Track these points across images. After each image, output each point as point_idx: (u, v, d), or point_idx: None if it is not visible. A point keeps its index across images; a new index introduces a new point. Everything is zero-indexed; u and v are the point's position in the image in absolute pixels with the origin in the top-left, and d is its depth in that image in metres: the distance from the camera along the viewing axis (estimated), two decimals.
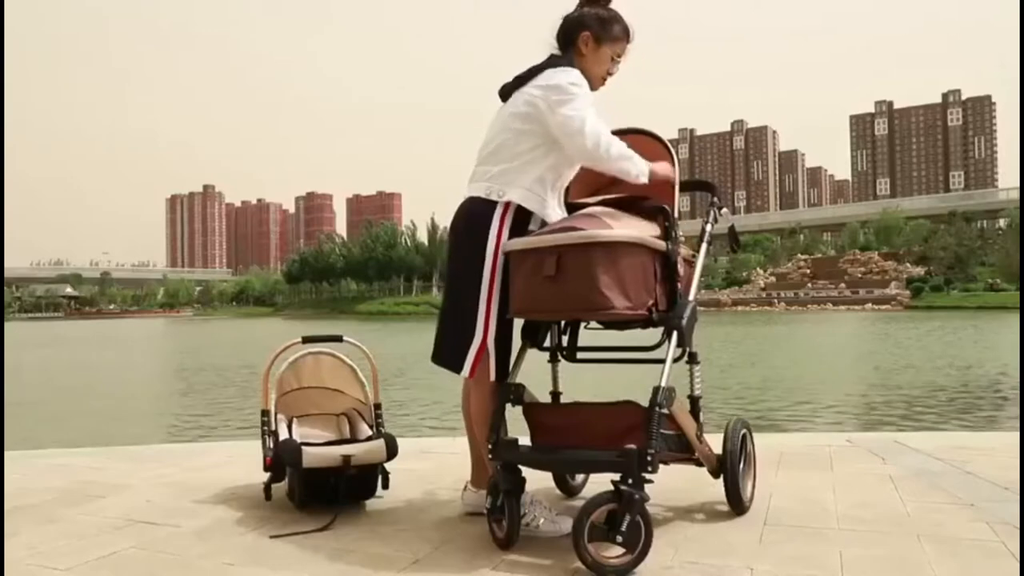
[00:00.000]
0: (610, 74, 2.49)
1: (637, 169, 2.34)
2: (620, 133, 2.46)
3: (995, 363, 13.97)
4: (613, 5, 2.49)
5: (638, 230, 2.20)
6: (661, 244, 2.25)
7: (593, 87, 2.42)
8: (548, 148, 2.38)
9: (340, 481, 2.61)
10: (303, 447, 2.59)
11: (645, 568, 1.97)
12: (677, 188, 2.46)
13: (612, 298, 2.10)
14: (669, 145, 2.54)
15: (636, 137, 2.49)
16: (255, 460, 2.88)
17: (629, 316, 2.15)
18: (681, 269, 2.31)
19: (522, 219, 2.37)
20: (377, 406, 2.96)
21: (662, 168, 2.42)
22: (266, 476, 2.77)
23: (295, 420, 2.91)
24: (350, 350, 3.09)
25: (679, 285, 2.29)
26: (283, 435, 2.77)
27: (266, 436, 2.81)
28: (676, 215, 2.36)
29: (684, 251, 2.40)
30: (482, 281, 2.35)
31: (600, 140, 2.29)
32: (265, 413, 2.84)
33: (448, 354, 2.43)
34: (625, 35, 2.47)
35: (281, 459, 2.65)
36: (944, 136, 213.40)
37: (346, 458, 2.59)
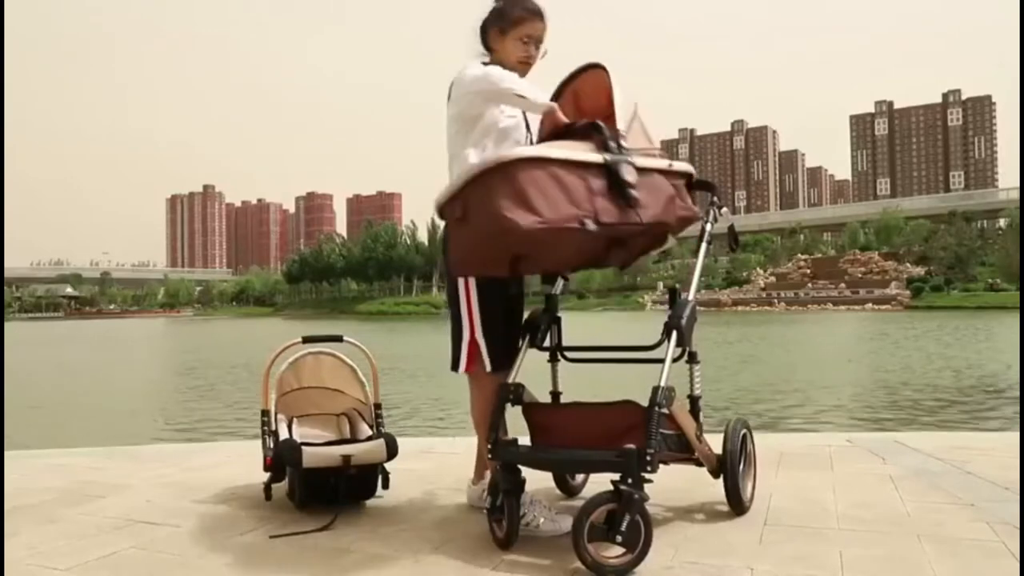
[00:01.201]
0: (531, 56, 2.48)
1: (533, 95, 2.31)
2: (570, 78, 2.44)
3: (995, 363, 13.97)
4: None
5: (562, 149, 2.10)
6: (591, 156, 2.12)
7: (519, 74, 2.44)
8: (472, 131, 2.42)
9: (340, 481, 2.61)
10: (303, 447, 2.59)
11: (645, 568, 1.97)
12: (617, 107, 2.27)
13: (515, 217, 1.94)
14: (607, 69, 2.38)
15: (582, 76, 2.44)
16: (255, 460, 2.88)
17: (544, 231, 1.96)
18: (633, 178, 2.15)
19: None
20: (377, 406, 2.96)
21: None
22: (266, 476, 2.77)
23: (295, 420, 2.91)
24: (350, 350, 3.09)
25: (634, 192, 2.13)
26: (283, 435, 2.77)
27: (266, 436, 2.81)
28: (624, 133, 2.22)
29: (646, 161, 2.23)
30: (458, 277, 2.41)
31: (494, 73, 2.33)
32: (265, 413, 2.84)
33: (453, 356, 2.49)
34: (529, 14, 2.47)
35: (281, 459, 2.65)
36: (944, 136, 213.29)
37: (346, 458, 2.59)
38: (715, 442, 2.48)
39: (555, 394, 2.62)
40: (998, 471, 3.01)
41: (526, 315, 2.52)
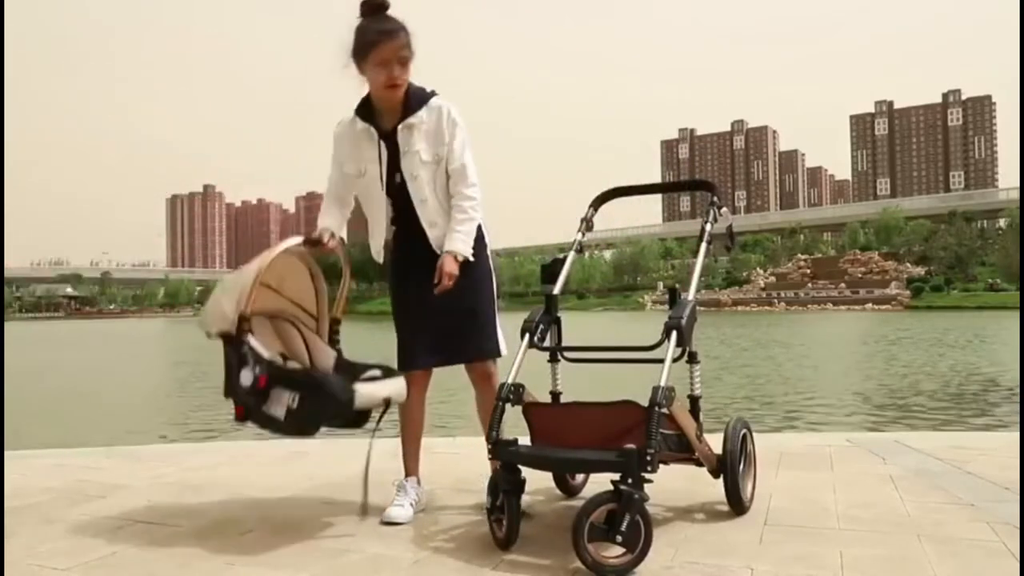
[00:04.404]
0: (395, 78, 2.47)
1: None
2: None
3: (995, 363, 13.96)
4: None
5: None
6: None
7: (384, 98, 2.52)
8: None
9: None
10: (355, 385, 2.27)
11: (645, 568, 1.97)
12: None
13: None
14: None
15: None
16: (255, 460, 2.88)
17: None
18: None
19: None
20: (336, 321, 2.68)
21: None
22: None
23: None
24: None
25: None
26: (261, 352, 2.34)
27: (246, 351, 2.34)
28: None
29: None
30: None
31: None
32: (245, 320, 2.35)
33: None
34: (381, 36, 2.45)
35: (324, 396, 2.25)
36: (944, 136, 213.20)
37: (387, 401, 2.37)
38: (715, 442, 2.49)
39: (555, 394, 2.62)
40: (998, 471, 3.02)
41: (526, 315, 2.52)
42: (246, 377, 2.33)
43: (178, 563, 2.16)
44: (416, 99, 2.55)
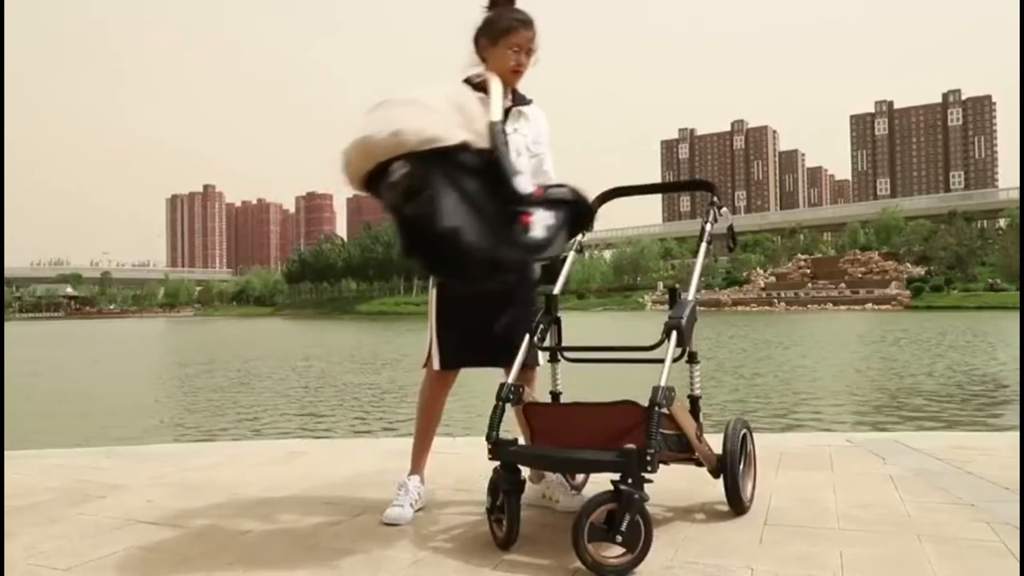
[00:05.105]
0: (521, 65, 2.54)
1: None
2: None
3: (995, 363, 13.96)
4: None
5: None
6: None
7: (507, 82, 2.55)
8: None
9: None
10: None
11: (645, 568, 1.97)
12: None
13: None
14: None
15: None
16: (255, 460, 2.88)
17: None
18: None
19: None
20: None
21: None
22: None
23: None
24: None
25: None
26: None
27: (508, 163, 2.23)
28: None
29: None
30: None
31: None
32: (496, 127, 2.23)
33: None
34: (518, 23, 2.53)
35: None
36: (944, 136, 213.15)
37: None
38: (715, 442, 2.49)
39: (555, 394, 2.62)
40: (998, 471, 3.02)
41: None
42: (526, 182, 2.16)
43: (178, 563, 2.16)
44: (521, 98, 2.64)
